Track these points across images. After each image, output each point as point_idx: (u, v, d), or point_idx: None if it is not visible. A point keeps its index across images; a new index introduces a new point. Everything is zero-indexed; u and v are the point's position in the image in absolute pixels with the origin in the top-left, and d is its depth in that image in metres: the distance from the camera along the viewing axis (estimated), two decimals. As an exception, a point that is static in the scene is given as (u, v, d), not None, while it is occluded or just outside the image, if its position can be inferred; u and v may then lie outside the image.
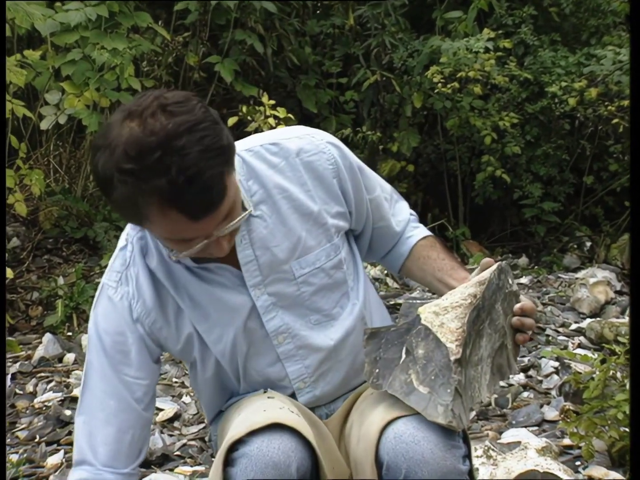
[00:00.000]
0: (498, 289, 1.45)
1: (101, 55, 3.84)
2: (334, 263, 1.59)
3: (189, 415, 3.03)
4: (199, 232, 1.37)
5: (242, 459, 1.35)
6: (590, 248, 5.08)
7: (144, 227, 1.43)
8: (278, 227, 1.54)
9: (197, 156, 1.29)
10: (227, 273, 1.54)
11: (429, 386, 1.36)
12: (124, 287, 1.54)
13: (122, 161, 1.29)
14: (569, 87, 4.70)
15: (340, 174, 1.58)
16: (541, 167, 4.99)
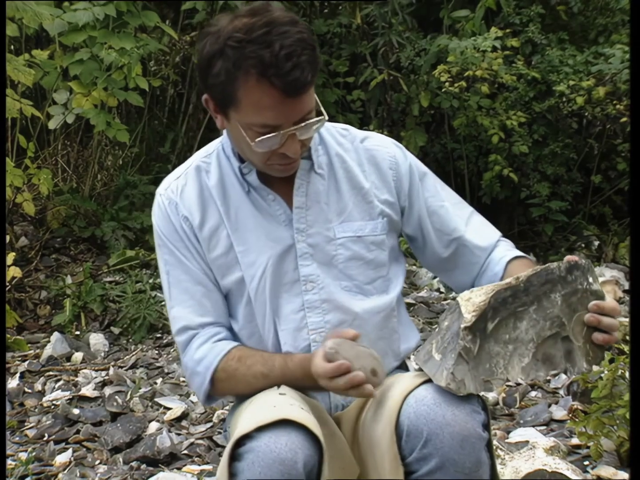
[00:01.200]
0: (561, 282, 1.45)
1: (109, 54, 3.84)
2: (375, 240, 1.67)
3: (196, 414, 3.04)
4: (284, 116, 1.49)
5: (248, 454, 1.36)
6: (599, 247, 5.07)
7: (233, 109, 1.51)
8: (332, 190, 1.66)
9: (296, 42, 1.46)
10: (280, 209, 1.64)
11: (441, 353, 1.41)
12: (169, 194, 1.65)
13: (231, 36, 1.46)
14: (577, 85, 4.69)
15: (397, 169, 1.70)
16: (549, 166, 4.98)
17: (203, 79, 1.54)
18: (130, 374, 3.42)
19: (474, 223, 1.76)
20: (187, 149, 5.24)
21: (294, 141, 1.53)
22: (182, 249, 1.63)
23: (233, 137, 1.60)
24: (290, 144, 1.52)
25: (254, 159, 1.58)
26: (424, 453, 1.38)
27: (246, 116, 1.50)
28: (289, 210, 1.64)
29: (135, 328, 3.80)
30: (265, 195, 1.64)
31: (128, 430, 2.80)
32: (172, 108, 5.34)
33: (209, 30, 1.52)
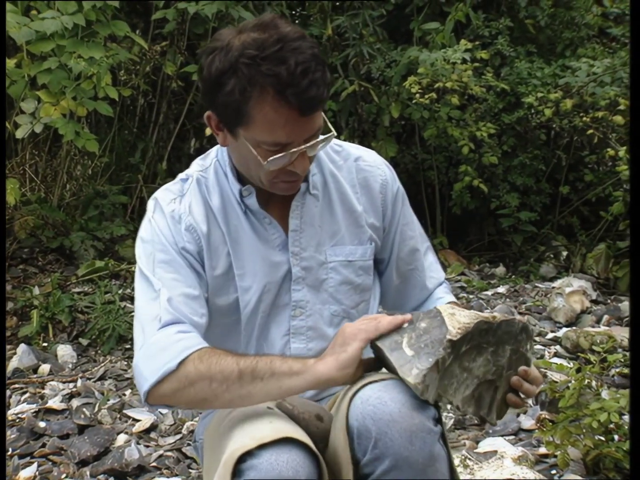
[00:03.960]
0: (514, 337, 1.50)
1: (78, 64, 3.81)
2: (364, 265, 1.70)
3: (165, 425, 3.02)
4: (297, 134, 1.48)
5: (250, 471, 1.35)
6: (567, 257, 5.13)
7: (243, 127, 1.49)
8: (325, 211, 1.67)
9: (310, 57, 1.44)
10: (275, 233, 1.64)
11: (414, 350, 1.42)
12: (177, 205, 1.63)
13: (243, 52, 1.43)
14: (545, 97, 4.76)
15: (386, 192, 1.72)
16: (518, 177, 5.04)
17: (211, 96, 1.49)
18: (99, 386, 3.39)
19: (428, 259, 1.82)
20: (157, 159, 5.23)
21: (304, 159, 1.52)
22: (178, 254, 1.59)
23: (238, 155, 1.58)
24: (300, 161, 1.52)
25: (260, 176, 1.55)
26: (376, 453, 1.39)
27: (257, 134, 1.48)
28: (284, 234, 1.64)
29: (104, 339, 3.76)
30: (262, 219, 1.64)
31: (95, 442, 2.77)
32: (142, 118, 5.32)
33: (214, 45, 1.49)
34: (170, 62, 4.89)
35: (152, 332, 1.50)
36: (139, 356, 1.50)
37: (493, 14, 5.31)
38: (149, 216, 1.64)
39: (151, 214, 1.64)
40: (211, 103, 1.51)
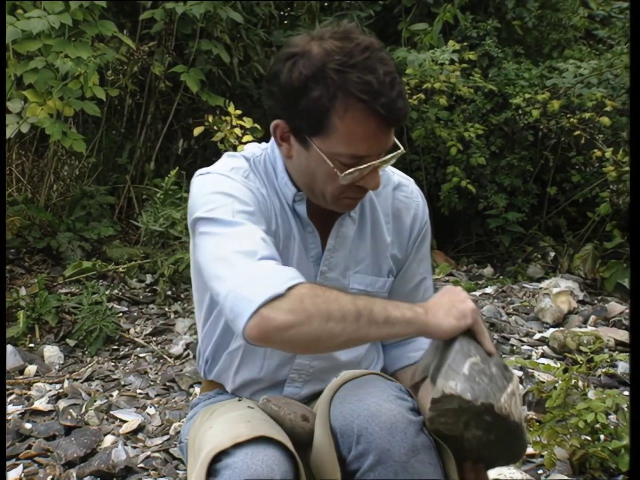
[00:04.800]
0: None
1: (65, 63, 3.79)
2: (380, 296, 1.65)
3: (153, 426, 3.01)
4: (376, 147, 1.44)
5: (225, 470, 1.35)
6: (554, 258, 5.15)
7: (321, 136, 1.44)
8: (357, 236, 1.64)
9: (394, 68, 1.43)
10: (313, 244, 1.61)
11: (469, 374, 1.39)
12: (248, 182, 1.54)
13: (331, 59, 1.39)
14: (532, 98, 4.78)
15: (414, 227, 1.70)
16: (505, 178, 5.05)
17: (290, 103, 1.44)
18: (86, 387, 3.37)
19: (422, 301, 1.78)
20: (145, 159, 5.21)
21: (376, 174, 1.49)
22: (258, 210, 1.50)
23: (304, 167, 1.51)
24: (372, 177, 1.48)
25: (326, 190, 1.51)
26: (359, 450, 1.39)
27: (336, 144, 1.44)
28: (320, 248, 1.62)
29: (91, 340, 3.74)
30: (306, 226, 1.60)
31: (82, 444, 2.75)
32: (130, 118, 5.30)
33: (291, 51, 1.44)
34: (158, 63, 4.88)
35: (248, 263, 1.36)
36: (235, 283, 1.34)
37: (481, 15, 5.33)
38: (221, 172, 1.53)
39: (224, 171, 1.54)
40: (288, 110, 1.45)
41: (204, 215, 1.47)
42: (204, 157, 5.33)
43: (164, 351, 3.68)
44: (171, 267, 4.19)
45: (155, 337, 3.85)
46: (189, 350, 3.66)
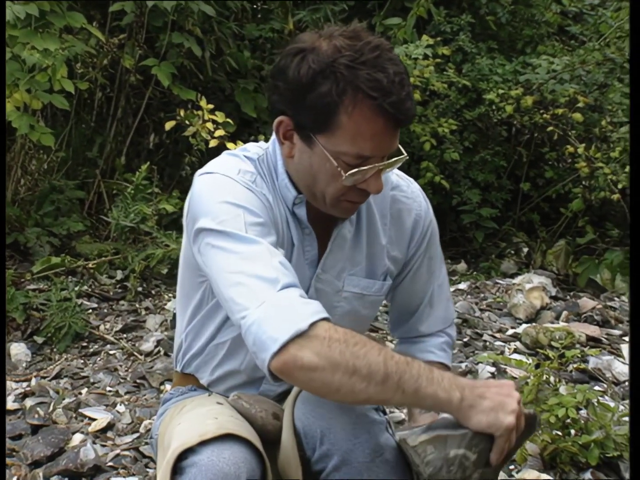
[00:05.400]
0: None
1: (31, 55, 3.74)
2: (375, 300, 1.66)
3: (123, 425, 2.98)
4: (381, 148, 1.42)
5: (191, 468, 1.35)
6: (527, 254, 5.19)
7: (327, 134, 1.41)
8: (354, 238, 1.62)
9: (403, 69, 1.41)
10: (309, 246, 1.59)
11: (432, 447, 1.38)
12: (256, 187, 1.51)
13: (340, 55, 1.38)
14: (506, 94, 4.81)
15: (416, 227, 1.67)
16: (479, 173, 5.08)
17: (297, 98, 1.41)
18: (54, 385, 3.34)
19: (434, 299, 1.75)
20: (115, 154, 5.17)
21: (379, 178, 1.46)
22: (270, 220, 1.47)
23: (305, 167, 1.49)
24: (374, 180, 1.46)
25: (327, 192, 1.48)
26: (323, 450, 1.40)
27: (341, 143, 1.41)
28: (317, 251, 1.59)
29: (59, 337, 3.71)
30: (304, 228, 1.58)
31: (50, 443, 2.72)
32: (100, 112, 5.25)
33: (299, 47, 1.42)
34: (128, 56, 4.83)
35: (270, 292, 1.32)
36: (258, 316, 1.31)
37: (454, 10, 5.36)
38: (227, 174, 1.49)
39: (230, 173, 1.49)
40: (294, 106, 1.43)
41: (213, 227, 1.42)
42: (176, 152, 5.30)
43: (134, 348, 3.66)
44: (142, 263, 4.17)
45: (125, 334, 3.83)
46: (160, 347, 3.63)
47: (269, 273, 1.35)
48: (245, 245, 1.38)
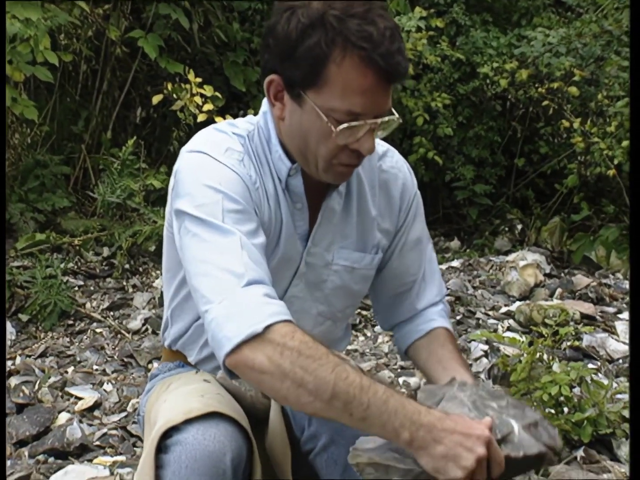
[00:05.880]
0: None
1: (12, 25, 3.70)
2: (366, 274, 1.65)
3: (110, 403, 2.98)
4: (373, 104, 1.41)
5: (176, 446, 1.34)
6: (521, 231, 5.20)
7: (316, 89, 1.41)
8: (344, 210, 1.60)
9: (394, 25, 1.41)
10: (301, 220, 1.57)
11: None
12: (243, 170, 1.49)
13: (330, 8, 1.38)
14: (501, 68, 4.79)
15: (404, 198, 1.66)
16: (473, 149, 5.08)
17: (285, 52, 1.41)
18: (39, 363, 3.34)
19: (427, 273, 1.73)
20: (101, 128, 5.13)
21: (371, 137, 1.44)
22: (250, 207, 1.46)
23: (296, 128, 1.47)
24: (367, 139, 1.43)
25: (319, 154, 1.46)
26: (311, 431, 1.41)
27: (331, 99, 1.40)
28: (307, 225, 1.57)
29: (45, 315, 3.70)
30: (295, 202, 1.55)
31: (35, 421, 2.72)
32: (85, 85, 5.19)
33: (291, 3, 1.41)
34: (113, 27, 4.78)
35: (234, 288, 1.34)
36: (218, 312, 1.34)
37: (449, -19, 5.32)
38: (213, 154, 1.48)
39: (217, 153, 1.48)
40: (283, 61, 1.42)
41: (191, 211, 1.43)
42: (163, 126, 5.26)
43: (121, 326, 3.66)
44: (129, 239, 4.15)
45: (112, 312, 3.82)
46: (148, 325, 3.63)
47: (237, 267, 1.36)
48: (219, 235, 1.39)
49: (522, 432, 1.33)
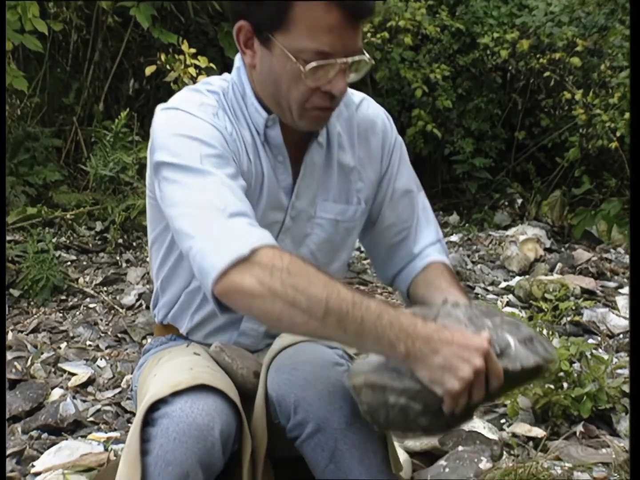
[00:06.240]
0: None
1: (1, -8, 3.66)
2: (349, 226, 1.65)
3: (103, 379, 2.99)
4: (342, 43, 1.41)
5: (163, 419, 1.34)
6: (522, 205, 5.20)
7: (283, 31, 1.41)
8: (325, 162, 1.61)
9: None
10: (284, 173, 1.57)
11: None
12: (218, 121, 1.51)
13: None
14: (501, 38, 4.75)
15: (384, 145, 1.67)
16: (473, 122, 5.05)
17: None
18: (32, 339, 3.34)
19: (421, 220, 1.73)
20: (93, 100, 5.10)
21: (343, 78, 1.45)
22: (227, 152, 1.47)
23: (267, 74, 1.48)
24: (338, 80, 1.44)
25: (293, 97, 1.47)
26: (297, 420, 1.40)
27: (298, 39, 1.41)
28: (290, 178, 1.58)
29: (37, 290, 3.70)
30: (277, 155, 1.56)
31: (28, 397, 2.74)
32: (76, 55, 5.16)
33: None
34: (105, -5, 4.74)
35: (217, 221, 1.35)
36: (202, 244, 1.34)
37: (448, -52, 5.26)
38: (187, 109, 1.49)
39: (191, 108, 1.49)
40: (249, 5, 1.43)
41: (168, 160, 1.44)
42: (157, 98, 5.22)
43: (115, 301, 3.66)
44: (122, 213, 4.14)
45: (105, 287, 3.82)
46: (142, 300, 3.63)
47: (219, 203, 1.37)
48: (198, 177, 1.41)
49: (518, 346, 1.35)
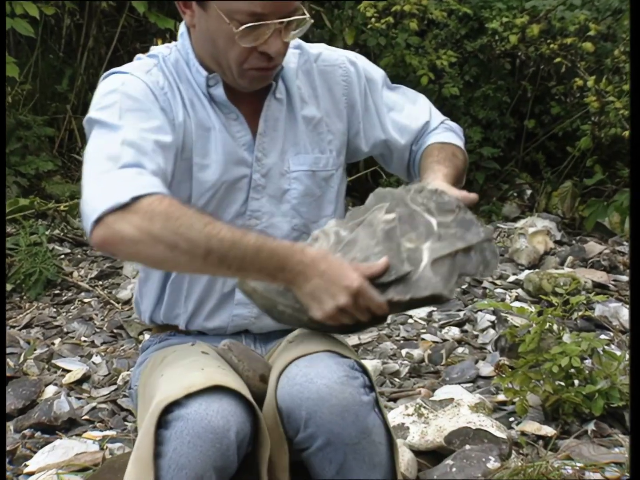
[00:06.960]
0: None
1: (-11, -26, 3.66)
2: (327, 175, 1.70)
3: (99, 376, 3.00)
4: (274, 4, 1.48)
5: (177, 421, 1.35)
6: (531, 196, 5.18)
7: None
8: (288, 117, 1.67)
9: None
10: (241, 131, 1.63)
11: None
12: (153, 78, 1.58)
13: None
14: (510, 23, 4.73)
15: (350, 93, 1.73)
16: (480, 110, 5.04)
17: None
18: (25, 334, 3.35)
19: (412, 115, 1.82)
20: (87, 88, 5.09)
21: (278, 38, 1.52)
22: (154, 106, 1.54)
23: (205, 35, 1.56)
24: (274, 40, 1.52)
25: (230, 60, 1.54)
26: (308, 433, 1.41)
27: (231, 0, 1.48)
28: (250, 135, 1.64)
29: (29, 284, 3.71)
30: (228, 113, 1.62)
31: (21, 395, 2.75)
32: (69, 41, 5.16)
33: None
34: (99, -22, 4.74)
35: (108, 171, 1.41)
36: (89, 191, 1.42)
37: None
38: (122, 70, 1.59)
39: (125, 69, 1.59)
40: None
41: (93, 115, 1.53)
42: (153, 85, 5.23)
43: (110, 296, 3.66)
44: (117, 205, 4.13)
45: (101, 281, 3.83)
46: (138, 294, 3.63)
47: (116, 153, 1.43)
48: (111, 133, 1.47)
49: (426, 270, 1.42)
